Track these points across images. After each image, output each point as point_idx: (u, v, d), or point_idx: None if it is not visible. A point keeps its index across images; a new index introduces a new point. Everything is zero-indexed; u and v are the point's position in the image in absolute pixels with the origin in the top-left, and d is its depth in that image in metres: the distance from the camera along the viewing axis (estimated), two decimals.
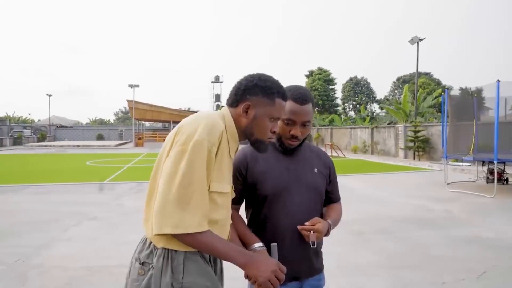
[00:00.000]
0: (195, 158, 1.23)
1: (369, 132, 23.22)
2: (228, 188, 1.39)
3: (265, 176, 1.64)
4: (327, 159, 1.82)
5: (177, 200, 1.20)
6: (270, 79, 1.40)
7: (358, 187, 9.93)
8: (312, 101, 1.62)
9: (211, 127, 1.27)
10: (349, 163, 17.02)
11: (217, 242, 1.27)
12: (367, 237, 5.38)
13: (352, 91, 56.62)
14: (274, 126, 1.42)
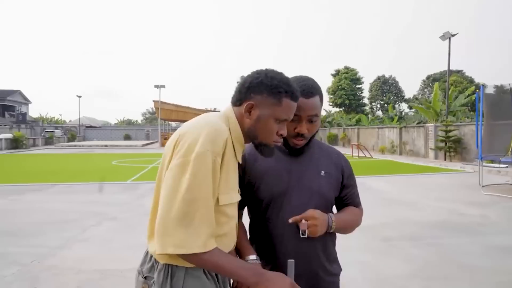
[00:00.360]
0: (197, 171, 1.12)
1: (398, 132, 22.64)
2: (237, 196, 1.30)
3: (262, 178, 1.48)
4: (341, 160, 1.59)
5: (179, 218, 1.11)
6: (278, 76, 1.25)
7: (385, 189, 9.52)
8: (319, 93, 1.43)
9: (215, 136, 1.17)
10: (376, 164, 16.52)
11: (224, 261, 1.16)
12: (394, 243, 5.04)
13: (379, 90, 55.45)
14: (281, 129, 1.28)
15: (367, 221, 6.24)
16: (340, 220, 1.47)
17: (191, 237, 1.11)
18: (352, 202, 1.59)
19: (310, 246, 1.46)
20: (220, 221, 1.22)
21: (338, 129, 33.21)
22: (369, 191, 9.13)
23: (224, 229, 1.25)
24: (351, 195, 1.59)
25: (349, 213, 1.56)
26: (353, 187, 1.59)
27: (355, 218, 1.56)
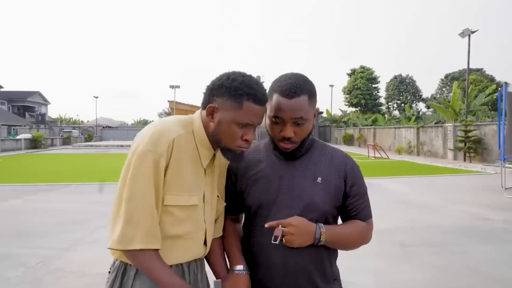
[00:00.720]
0: (137, 170, 1.16)
1: (415, 132, 22.16)
2: (193, 200, 1.26)
3: (252, 185, 1.38)
4: (345, 164, 1.38)
5: (120, 214, 1.16)
6: (240, 78, 1.20)
7: (402, 191, 9.21)
8: (307, 92, 1.27)
9: (158, 137, 1.18)
10: (393, 165, 16.13)
11: (157, 268, 1.17)
12: (411, 250, 4.78)
13: (396, 90, 54.56)
14: (247, 133, 1.23)
15: (382, 225, 6.13)
16: (332, 233, 1.29)
17: (128, 234, 1.14)
18: (358, 215, 1.37)
19: (297, 259, 1.29)
20: (167, 221, 1.22)
21: (354, 129, 32.78)
22: (385, 193, 8.85)
23: (175, 231, 1.23)
24: (356, 206, 1.36)
25: (348, 226, 1.36)
26: (359, 197, 1.37)
27: (356, 233, 1.35)
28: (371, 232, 1.39)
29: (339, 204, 1.35)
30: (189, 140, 1.25)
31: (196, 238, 1.30)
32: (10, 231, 5.64)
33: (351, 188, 1.35)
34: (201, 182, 1.29)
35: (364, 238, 1.37)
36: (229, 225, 1.46)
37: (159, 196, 1.19)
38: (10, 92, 50.93)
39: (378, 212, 6.68)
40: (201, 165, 1.28)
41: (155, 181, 1.17)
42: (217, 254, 1.41)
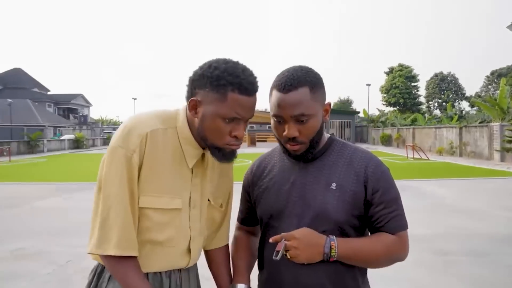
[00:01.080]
0: (108, 168, 1.06)
1: (457, 132, 21.09)
2: (175, 203, 1.13)
3: (264, 193, 1.26)
4: (366, 167, 1.17)
5: (96, 216, 1.08)
6: (223, 66, 1.05)
7: (443, 195, 8.69)
8: (309, 84, 1.12)
9: (129, 131, 1.07)
10: (433, 166, 15.37)
11: (131, 279, 1.05)
12: (452, 259, 4.44)
13: (437, 88, 52.40)
14: (235, 129, 1.09)
15: (420, 231, 5.78)
16: (348, 247, 1.11)
17: (102, 237, 1.05)
18: (385, 227, 1.15)
19: (311, 276, 1.13)
20: (144, 225, 1.10)
21: (392, 129, 31.74)
22: (424, 197, 8.40)
23: (154, 237, 1.12)
24: (383, 216, 1.15)
25: (370, 240, 1.15)
26: (386, 205, 1.15)
27: (379, 247, 1.13)
28: (404, 248, 1.16)
29: (360, 213, 1.16)
30: (169, 136, 1.12)
31: (179, 246, 1.17)
32: (46, 229, 5.83)
33: (373, 195, 1.15)
34: (187, 184, 1.16)
35: (392, 254, 1.15)
36: (242, 237, 1.35)
37: (134, 196, 1.08)
38: (56, 95, 53.80)
39: (416, 217, 6.34)
40: (186, 165, 1.15)
41: (129, 181, 1.06)
42: (220, 266, 1.30)
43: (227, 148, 1.11)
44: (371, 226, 1.18)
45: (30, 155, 24.53)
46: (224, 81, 1.03)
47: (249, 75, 1.07)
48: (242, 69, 1.06)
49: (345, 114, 38.32)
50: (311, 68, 1.17)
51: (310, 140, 1.15)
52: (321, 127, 1.17)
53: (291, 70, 1.14)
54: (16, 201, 8.19)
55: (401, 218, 1.16)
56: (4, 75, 53.00)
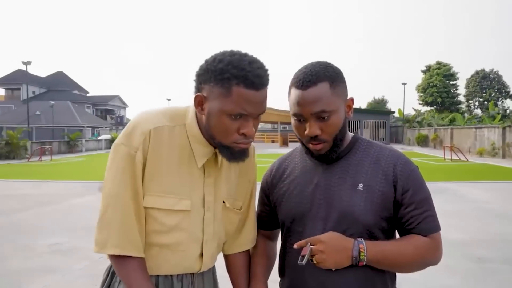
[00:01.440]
0: (110, 166, 1.05)
1: (500, 133, 20.03)
2: (183, 204, 1.08)
3: (284, 196, 1.21)
4: (395, 166, 1.11)
5: (99, 214, 1.06)
6: (228, 58, 0.98)
7: (483, 198, 8.25)
8: (328, 79, 1.07)
9: (132, 128, 1.05)
10: (473, 168, 14.65)
11: (134, 279, 1.02)
12: (491, 266, 4.19)
13: (478, 86, 49.97)
14: (244, 126, 1.01)
15: (456, 236, 5.51)
16: (378, 251, 1.04)
17: (102, 235, 1.03)
18: (416, 228, 1.08)
19: (338, 283, 1.07)
20: (151, 227, 1.07)
21: (428, 130, 30.66)
22: (461, 200, 8.02)
23: (161, 240, 1.08)
24: (414, 217, 1.08)
25: (401, 242, 1.09)
26: (417, 205, 1.08)
27: (411, 250, 1.07)
28: (438, 250, 1.09)
29: (389, 215, 1.10)
30: (177, 134, 1.07)
31: (189, 250, 1.11)
32: (81, 226, 6.05)
33: (403, 195, 1.08)
34: (198, 184, 1.10)
35: (425, 257, 1.08)
36: (260, 243, 1.29)
37: (139, 196, 1.04)
38: (94, 97, 56.13)
39: (452, 222, 6.06)
40: (196, 164, 1.09)
41: (131, 178, 1.02)
42: (240, 272, 1.24)
43: (235, 147, 1.04)
44: (401, 228, 1.11)
45: (70, 154, 25.66)
46: (228, 75, 0.96)
47: (257, 67, 0.99)
48: (249, 61, 0.98)
49: (379, 114, 37.42)
50: (330, 63, 1.12)
51: (333, 138, 1.09)
52: (344, 124, 1.11)
53: (309, 66, 1.10)
54: (55, 198, 8.57)
55: (433, 219, 1.09)
56: (48, 79, 55.97)
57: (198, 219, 1.11)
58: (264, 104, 1.03)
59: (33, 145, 22.64)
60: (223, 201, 1.16)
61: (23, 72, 35.20)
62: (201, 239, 1.12)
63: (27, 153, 21.23)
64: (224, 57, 0.99)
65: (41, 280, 3.89)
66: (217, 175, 1.14)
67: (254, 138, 1.06)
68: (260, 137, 43.15)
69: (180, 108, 1.14)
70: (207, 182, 1.12)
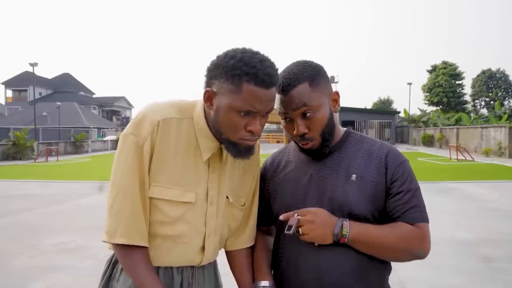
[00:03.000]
0: (119, 155, 1.06)
1: (507, 132, 19.86)
2: (187, 197, 1.08)
3: (279, 189, 1.23)
4: (386, 156, 1.13)
5: (107, 203, 1.07)
6: (239, 55, 0.99)
7: (490, 197, 8.19)
8: (307, 79, 1.09)
9: (140, 119, 1.06)
10: (479, 168, 14.55)
11: (140, 270, 1.03)
12: (497, 266, 4.15)
13: (484, 86, 49.63)
14: (252, 123, 1.02)
15: (463, 235, 5.48)
16: (362, 230, 1.06)
17: (111, 225, 1.04)
18: (403, 217, 1.09)
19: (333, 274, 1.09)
20: (155, 218, 1.07)
21: (434, 130, 30.46)
22: (468, 199, 7.96)
23: (164, 231, 1.09)
24: (401, 206, 1.09)
25: (387, 227, 1.09)
26: (404, 195, 1.10)
27: (397, 235, 1.07)
28: (424, 242, 1.08)
29: (381, 206, 1.11)
30: (185, 126, 1.09)
31: (191, 242, 1.12)
32: (87, 225, 6.08)
33: (392, 184, 1.10)
34: (202, 178, 1.11)
35: (410, 245, 1.07)
36: (259, 238, 1.30)
37: (145, 186, 1.05)
38: (100, 98, 56.49)
39: (459, 221, 6.02)
40: (201, 158, 1.10)
41: (139, 168, 1.03)
42: (244, 268, 1.24)
43: (242, 144, 1.05)
44: (388, 217, 1.12)
45: (76, 155, 25.83)
46: (239, 71, 0.97)
47: (268, 66, 0.99)
48: (260, 60, 0.99)
49: (385, 114, 37.25)
50: (310, 61, 1.15)
51: (320, 134, 1.11)
52: (331, 119, 1.13)
53: (287, 69, 1.13)
54: (62, 198, 8.63)
55: (421, 209, 1.10)
56: (54, 80, 56.41)
57: (201, 212, 1.12)
58: (273, 103, 1.05)
59: (39, 145, 22.82)
60: (226, 197, 1.17)
61: (30, 73, 35.50)
62: (203, 233, 1.13)
63: (33, 154, 21.39)
64: (235, 53, 1.00)
65: (47, 278, 3.92)
66: (221, 171, 1.15)
67: (260, 136, 1.07)
68: (266, 137, 43.12)
69: (188, 102, 1.15)
70: (211, 177, 1.13)
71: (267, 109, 1.03)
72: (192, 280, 1.15)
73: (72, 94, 51.58)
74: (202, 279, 1.18)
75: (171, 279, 1.13)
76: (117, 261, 1.13)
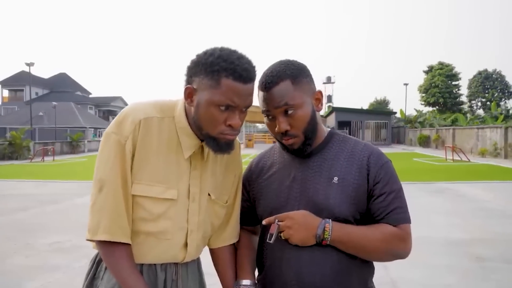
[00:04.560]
0: (101, 153, 1.08)
1: (502, 133, 19.94)
2: (169, 193, 1.11)
3: (262, 191, 1.24)
4: (368, 158, 1.14)
5: (92, 201, 1.08)
6: (218, 52, 1.04)
7: (484, 198, 8.24)
8: (289, 77, 1.11)
9: (121, 118, 1.09)
10: (474, 168, 14.62)
11: (122, 267, 1.04)
12: (489, 265, 4.19)
13: (481, 87, 49.76)
14: (231, 118, 1.05)
15: (457, 235, 5.53)
16: (344, 232, 1.08)
17: (94, 222, 1.06)
18: (386, 218, 1.10)
19: (315, 275, 1.10)
20: (138, 215, 1.09)
21: (430, 130, 30.57)
22: (462, 199, 8.00)
23: (147, 227, 1.10)
24: (383, 208, 1.10)
25: (369, 227, 1.11)
26: (387, 196, 1.11)
27: (378, 236, 1.09)
28: (406, 242, 1.10)
29: (363, 208, 1.13)
30: (166, 125, 1.11)
31: (174, 239, 1.13)
32: (83, 224, 5.99)
33: (374, 186, 1.11)
34: (184, 175, 1.13)
35: (392, 246, 1.09)
36: (243, 237, 1.32)
37: (128, 184, 1.07)
38: (97, 98, 56.33)
39: (454, 221, 6.06)
40: (183, 156, 1.13)
41: (121, 166, 1.05)
42: (226, 265, 1.26)
43: (222, 138, 1.07)
44: (371, 219, 1.13)
45: (72, 155, 25.75)
46: (217, 67, 1.01)
47: (245, 62, 1.04)
48: (238, 57, 1.04)
49: (381, 114, 37.29)
50: (294, 60, 1.17)
51: (303, 132, 1.12)
52: (313, 118, 1.14)
53: (271, 67, 1.15)
54: (58, 198, 8.62)
55: (403, 210, 1.12)
56: (51, 80, 56.22)
57: (183, 209, 1.14)
58: (251, 98, 1.07)
59: (35, 145, 22.74)
60: (208, 194, 1.19)
61: (26, 73, 35.40)
62: (186, 229, 1.15)
63: (29, 154, 21.32)
64: (214, 51, 1.04)
65: (42, 277, 3.92)
66: (203, 168, 1.18)
67: (239, 131, 1.10)
68: (262, 137, 43.21)
69: (170, 101, 1.17)
70: (193, 174, 1.15)
71: (245, 104, 1.06)
72: (176, 277, 1.17)
73: (69, 94, 51.41)
74: (186, 276, 1.19)
75: (155, 276, 1.14)
76: (101, 259, 1.14)
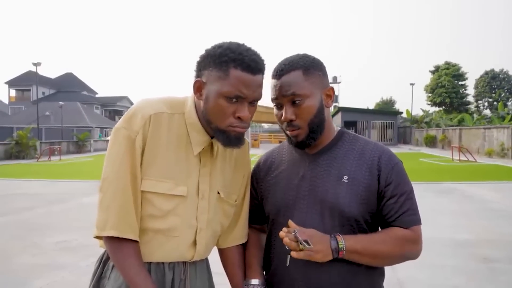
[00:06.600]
0: (111, 149, 1.07)
1: (509, 133, 19.78)
2: (179, 190, 1.09)
3: (270, 189, 1.22)
4: (379, 159, 1.13)
5: (100, 198, 1.07)
6: (226, 45, 1.05)
7: (492, 198, 8.16)
8: (301, 67, 1.11)
9: (132, 113, 1.08)
10: (481, 169, 14.50)
11: (129, 265, 1.03)
12: (497, 266, 4.15)
13: (487, 87, 49.34)
14: (240, 110, 1.03)
15: (464, 236, 5.49)
16: (357, 241, 1.06)
17: (102, 217, 1.04)
18: (397, 221, 1.09)
19: (322, 276, 1.09)
20: (147, 211, 1.08)
21: (436, 130, 30.37)
22: (469, 200, 7.94)
23: (156, 225, 1.09)
24: (394, 210, 1.09)
25: (379, 233, 1.10)
26: (399, 198, 1.09)
27: (390, 241, 1.07)
28: (417, 244, 1.10)
29: (373, 209, 1.11)
30: (176, 121, 1.11)
31: (183, 237, 1.12)
32: (90, 224, 6.07)
33: (386, 188, 1.10)
34: (194, 172, 1.12)
35: (405, 249, 1.09)
36: (252, 235, 1.31)
37: (137, 179, 1.06)
38: (103, 97, 56.65)
39: (460, 222, 6.02)
40: (192, 152, 1.12)
41: (130, 161, 1.04)
42: (235, 265, 1.26)
43: (231, 131, 1.06)
44: (382, 220, 1.12)
45: (78, 154, 25.90)
46: (226, 58, 1.01)
47: (253, 54, 1.04)
48: (246, 49, 1.04)
49: (387, 114, 37.18)
50: (310, 55, 1.16)
51: (308, 124, 1.11)
52: (320, 111, 1.13)
53: (286, 58, 1.15)
54: (64, 197, 8.66)
55: (414, 212, 1.11)
56: (57, 80, 56.62)
57: (192, 206, 1.13)
58: (260, 90, 1.07)
59: (42, 145, 22.90)
60: (217, 192, 1.18)
61: (33, 73, 35.67)
62: (195, 227, 1.14)
63: (36, 153, 21.47)
64: (223, 44, 1.05)
65: (48, 276, 3.95)
66: (212, 166, 1.17)
67: (249, 124, 1.10)
68: (268, 137, 43.16)
69: (179, 98, 1.17)
70: (203, 172, 1.14)
71: (254, 95, 1.05)
72: (184, 276, 1.15)
73: (75, 94, 51.74)
74: (194, 276, 1.18)
75: (162, 275, 1.12)
76: (108, 258, 1.13)
